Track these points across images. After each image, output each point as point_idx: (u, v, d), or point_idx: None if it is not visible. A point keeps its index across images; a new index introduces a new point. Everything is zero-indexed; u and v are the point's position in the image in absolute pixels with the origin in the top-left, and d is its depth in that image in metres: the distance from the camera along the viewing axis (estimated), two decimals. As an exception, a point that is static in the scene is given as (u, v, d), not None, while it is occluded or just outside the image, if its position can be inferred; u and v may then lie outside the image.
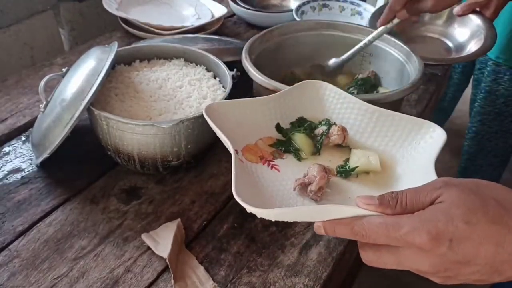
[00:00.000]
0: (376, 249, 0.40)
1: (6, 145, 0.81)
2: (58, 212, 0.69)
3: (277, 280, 0.62)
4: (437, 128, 0.55)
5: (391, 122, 0.59)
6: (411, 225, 0.37)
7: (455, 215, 0.36)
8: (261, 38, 0.87)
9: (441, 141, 0.53)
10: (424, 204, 0.39)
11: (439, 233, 0.36)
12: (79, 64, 0.74)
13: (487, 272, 0.37)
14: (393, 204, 0.39)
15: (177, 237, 0.64)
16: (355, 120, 0.62)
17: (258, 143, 0.59)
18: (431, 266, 0.38)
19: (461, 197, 0.37)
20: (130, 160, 0.72)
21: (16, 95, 0.94)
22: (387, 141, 0.59)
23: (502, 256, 0.36)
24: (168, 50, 0.86)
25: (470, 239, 0.36)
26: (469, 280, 0.39)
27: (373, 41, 0.86)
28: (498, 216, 0.36)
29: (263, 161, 0.57)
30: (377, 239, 0.39)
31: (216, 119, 0.55)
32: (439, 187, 0.39)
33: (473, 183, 0.40)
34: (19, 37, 1.19)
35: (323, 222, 0.42)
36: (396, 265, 0.40)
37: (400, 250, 0.39)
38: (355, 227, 0.40)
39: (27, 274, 0.60)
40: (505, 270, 0.37)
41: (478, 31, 1.05)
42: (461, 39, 1.10)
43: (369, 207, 0.40)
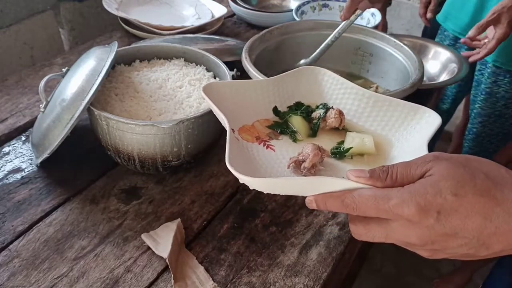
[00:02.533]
0: (365, 222, 0.41)
1: (6, 145, 0.81)
2: (58, 212, 0.69)
3: (277, 280, 0.62)
4: (432, 113, 0.56)
5: (388, 107, 0.60)
6: (400, 197, 0.37)
7: (444, 187, 0.37)
8: (261, 38, 0.87)
9: (435, 124, 0.54)
10: (414, 177, 0.39)
11: (427, 205, 0.36)
12: (79, 64, 0.74)
13: (474, 245, 0.37)
14: (383, 177, 0.40)
15: (177, 237, 0.64)
16: (352, 105, 0.62)
17: (255, 124, 0.60)
18: (418, 238, 0.38)
19: (451, 170, 0.37)
20: (130, 160, 0.72)
21: (16, 95, 0.94)
22: (383, 126, 0.59)
23: (489, 229, 0.36)
24: (168, 50, 0.86)
25: (458, 211, 0.36)
26: (456, 254, 0.39)
27: (339, 37, 0.86)
28: (486, 189, 0.37)
29: (259, 141, 0.57)
30: (366, 212, 0.39)
31: (214, 98, 0.55)
32: (429, 160, 0.39)
33: (464, 158, 0.40)
34: (19, 37, 1.20)
35: (314, 196, 0.42)
36: (384, 238, 0.40)
37: (388, 223, 0.39)
38: (346, 199, 0.40)
39: (27, 274, 0.60)
40: (492, 243, 0.37)
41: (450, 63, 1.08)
42: (432, 71, 1.12)
43: (360, 180, 0.40)
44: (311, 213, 0.72)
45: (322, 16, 1.26)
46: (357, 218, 0.41)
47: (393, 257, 1.75)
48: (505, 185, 0.37)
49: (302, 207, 0.73)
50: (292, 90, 0.64)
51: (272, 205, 0.73)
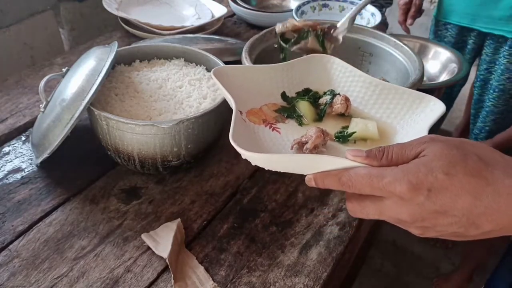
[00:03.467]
0: (360, 200, 0.42)
1: (6, 145, 0.81)
2: (58, 212, 0.69)
3: (277, 280, 0.62)
4: (437, 101, 0.57)
5: (394, 95, 0.61)
6: (393, 175, 0.39)
7: (436, 166, 0.38)
8: (261, 38, 0.87)
9: (439, 112, 0.55)
10: (408, 157, 0.40)
11: (419, 183, 0.38)
12: (79, 64, 0.74)
13: (464, 224, 0.38)
14: (379, 156, 0.41)
15: (177, 237, 0.64)
16: (359, 93, 0.64)
17: (263, 108, 0.61)
18: (409, 215, 0.39)
19: (444, 151, 0.39)
20: (130, 160, 0.72)
21: (16, 95, 0.94)
22: (388, 113, 0.60)
23: (479, 209, 0.37)
24: (168, 50, 0.86)
25: (448, 190, 0.37)
26: (446, 232, 0.40)
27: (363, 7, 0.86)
28: (477, 169, 0.37)
29: (265, 124, 0.58)
30: (361, 189, 0.41)
31: (224, 81, 0.57)
32: (424, 142, 0.40)
33: (458, 140, 0.41)
34: (19, 37, 1.20)
35: (313, 174, 0.44)
36: (378, 215, 0.41)
37: (382, 200, 0.40)
38: (343, 177, 0.42)
39: (27, 274, 0.60)
40: (482, 223, 0.38)
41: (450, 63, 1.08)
42: (432, 71, 1.12)
43: (357, 159, 0.42)
44: (311, 213, 0.72)
45: (322, 16, 1.26)
46: (353, 196, 0.43)
47: (393, 257, 1.75)
48: (496, 166, 0.38)
49: (302, 207, 0.73)
50: (301, 77, 0.65)
51: (272, 205, 0.73)
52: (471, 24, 1.37)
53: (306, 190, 0.76)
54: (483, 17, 1.33)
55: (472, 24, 1.37)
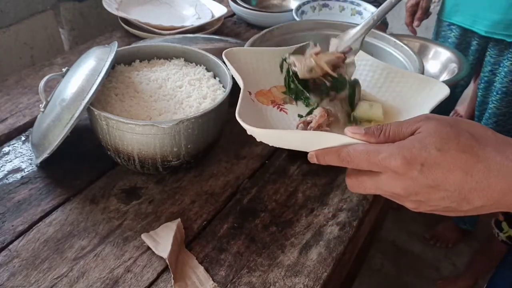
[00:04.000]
0: (359, 175, 0.44)
1: (6, 145, 0.81)
2: (58, 212, 0.69)
3: (277, 280, 0.62)
4: (441, 85, 0.58)
5: (400, 79, 0.62)
6: (388, 151, 0.41)
7: (429, 142, 0.39)
8: (261, 38, 0.87)
9: (443, 94, 0.56)
10: (405, 134, 0.42)
11: (412, 158, 0.39)
12: (79, 64, 0.74)
13: (456, 199, 0.40)
14: (377, 134, 0.43)
15: (177, 237, 0.64)
16: (366, 76, 0.65)
17: (272, 90, 0.63)
18: (403, 189, 0.41)
19: (438, 128, 0.40)
20: (130, 160, 0.71)
21: (16, 95, 0.94)
22: (394, 96, 0.62)
23: (470, 184, 0.39)
24: (168, 50, 0.86)
25: (440, 165, 0.39)
26: (439, 207, 0.41)
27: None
28: (469, 146, 0.39)
29: (273, 104, 0.60)
30: (359, 164, 0.43)
31: (234, 63, 0.59)
32: (420, 120, 0.42)
33: (453, 119, 0.42)
34: (19, 37, 1.20)
35: (315, 151, 0.46)
36: (375, 189, 0.43)
37: (378, 175, 0.42)
38: (342, 153, 0.43)
39: (27, 274, 0.60)
40: (473, 198, 0.39)
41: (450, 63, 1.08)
42: (432, 70, 1.12)
43: (355, 136, 0.43)
44: (311, 213, 0.72)
45: (322, 16, 1.26)
46: (352, 171, 0.45)
47: (393, 257, 1.75)
48: (488, 143, 0.39)
49: (302, 207, 0.73)
50: None
51: (272, 205, 0.73)
52: (472, 26, 1.37)
53: (306, 190, 0.76)
54: (484, 20, 1.33)
55: (472, 26, 1.37)
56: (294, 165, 0.81)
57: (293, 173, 0.79)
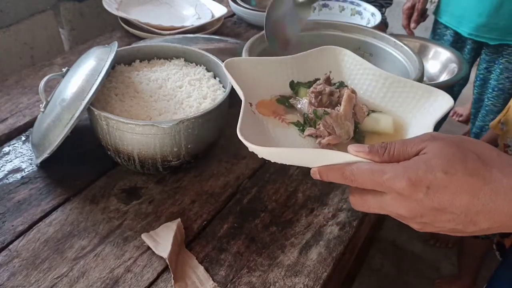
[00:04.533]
0: (363, 194, 0.43)
1: (6, 145, 0.81)
2: (58, 212, 0.69)
3: (277, 280, 0.62)
4: (445, 96, 0.57)
5: (403, 89, 0.61)
6: (393, 171, 0.40)
7: (435, 164, 0.39)
8: (261, 38, 0.87)
9: (447, 106, 0.56)
10: (410, 154, 0.41)
11: (418, 180, 0.39)
12: (79, 64, 0.74)
13: (462, 221, 0.39)
14: (381, 152, 0.42)
15: (177, 237, 0.64)
16: (369, 86, 0.64)
17: (273, 100, 0.62)
18: (408, 211, 0.40)
19: (444, 149, 0.39)
20: (130, 160, 0.72)
21: (16, 95, 0.94)
22: (397, 107, 0.61)
23: (477, 207, 0.38)
24: (168, 50, 0.86)
25: (447, 188, 0.38)
26: (445, 228, 0.41)
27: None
28: (475, 169, 0.38)
29: (274, 115, 0.59)
30: (363, 184, 0.42)
31: (235, 73, 0.58)
32: (425, 139, 0.41)
33: (459, 138, 0.41)
34: (19, 37, 1.20)
35: (318, 168, 0.45)
36: (379, 209, 0.43)
37: (382, 195, 0.41)
38: (346, 172, 0.43)
39: (27, 274, 0.60)
40: (480, 221, 0.39)
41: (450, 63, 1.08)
42: (432, 70, 1.12)
43: (359, 154, 0.43)
44: (311, 213, 0.72)
45: (322, 16, 1.26)
46: (356, 190, 0.44)
47: (393, 257, 1.75)
48: (494, 166, 0.39)
49: (302, 207, 0.73)
50: (311, 68, 0.65)
51: (272, 205, 0.73)
52: (457, 27, 1.38)
53: (306, 190, 0.76)
54: (469, 22, 1.33)
55: (457, 27, 1.38)
56: (294, 165, 0.81)
57: (293, 173, 0.79)
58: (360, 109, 0.57)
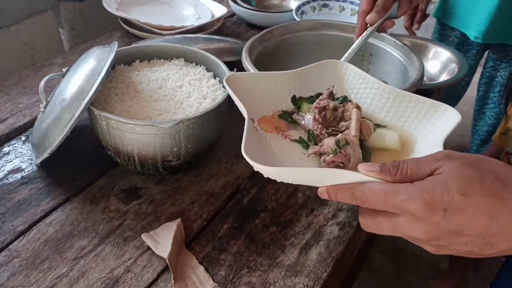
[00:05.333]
0: (374, 215, 0.42)
1: (6, 145, 0.81)
2: (58, 212, 0.69)
3: (277, 280, 0.62)
4: (452, 111, 0.56)
5: (408, 103, 0.60)
6: (408, 193, 0.38)
7: (452, 186, 0.37)
8: (261, 38, 0.87)
9: (455, 122, 0.54)
10: (423, 174, 0.40)
11: (434, 202, 0.37)
12: (79, 64, 0.74)
13: (479, 244, 0.38)
14: (394, 172, 0.40)
15: (177, 237, 0.64)
16: (372, 100, 0.63)
17: (275, 115, 0.61)
18: (424, 233, 0.39)
19: (460, 170, 0.38)
20: (130, 160, 0.72)
21: (16, 95, 0.94)
22: (402, 122, 0.60)
23: (495, 229, 0.37)
24: (168, 50, 0.86)
25: (464, 210, 0.37)
26: (461, 251, 0.40)
27: (353, 54, 0.83)
28: (494, 189, 0.37)
29: (277, 131, 0.58)
30: (375, 205, 0.40)
31: (236, 89, 0.57)
32: (440, 159, 0.40)
33: (474, 158, 0.40)
34: (19, 37, 1.20)
35: (326, 187, 0.43)
36: (392, 231, 0.41)
37: (396, 217, 0.40)
38: (356, 192, 0.41)
39: (27, 274, 0.60)
40: (498, 243, 0.38)
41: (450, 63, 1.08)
42: (432, 70, 1.12)
43: (370, 174, 0.41)
44: (311, 213, 0.72)
45: (322, 16, 1.26)
46: (366, 210, 0.42)
47: (393, 257, 1.75)
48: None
49: (302, 207, 0.73)
50: (313, 83, 0.64)
51: (272, 205, 0.73)
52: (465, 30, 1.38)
53: (306, 190, 0.76)
54: (475, 25, 1.33)
55: (465, 30, 1.38)
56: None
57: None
58: (366, 126, 0.56)
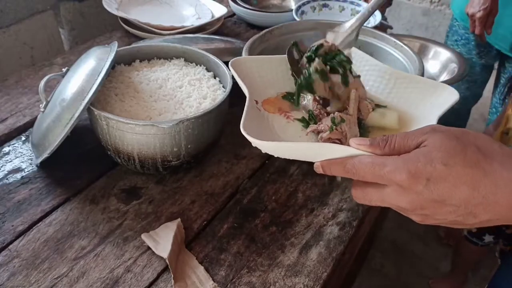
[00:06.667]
0: (364, 186, 0.44)
1: (6, 145, 0.81)
2: (58, 212, 0.69)
3: (277, 280, 0.62)
4: (450, 89, 0.58)
5: (408, 84, 0.62)
6: (394, 164, 0.40)
7: (435, 157, 0.39)
8: (261, 38, 0.87)
9: (453, 100, 0.56)
10: (410, 147, 0.41)
11: (418, 172, 0.39)
12: (79, 64, 0.74)
13: (462, 213, 0.39)
14: (382, 145, 0.42)
15: (177, 237, 0.64)
16: (374, 82, 0.65)
17: (279, 97, 0.63)
18: (408, 203, 0.41)
19: (444, 142, 0.40)
20: (130, 160, 0.72)
21: (16, 95, 0.94)
22: (403, 102, 0.61)
23: (477, 199, 0.38)
24: (168, 50, 0.86)
25: (446, 180, 0.38)
26: (445, 220, 0.41)
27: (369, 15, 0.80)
28: (475, 160, 0.38)
29: (280, 112, 0.60)
30: (365, 176, 0.42)
31: (241, 72, 0.59)
32: (426, 132, 0.41)
33: (460, 131, 0.41)
34: (19, 37, 1.19)
35: (321, 162, 0.46)
36: (380, 201, 0.43)
37: (384, 188, 0.42)
38: (347, 165, 0.43)
39: (27, 274, 0.60)
40: (480, 213, 0.39)
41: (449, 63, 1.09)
42: (432, 71, 1.12)
43: (360, 147, 0.43)
44: (311, 213, 0.72)
45: (322, 16, 1.26)
46: (358, 183, 0.44)
47: (393, 257, 1.75)
48: (495, 158, 0.39)
49: (302, 207, 0.73)
50: None
51: (272, 205, 0.73)
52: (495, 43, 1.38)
53: (306, 190, 0.76)
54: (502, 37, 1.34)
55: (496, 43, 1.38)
56: (294, 165, 0.81)
57: (293, 173, 0.79)
58: (364, 106, 0.58)
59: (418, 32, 2.67)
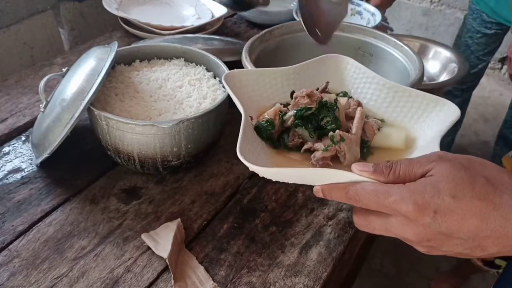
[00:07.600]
0: (367, 214, 0.42)
1: (6, 145, 0.81)
2: (58, 212, 0.69)
3: (277, 280, 0.62)
4: (451, 105, 0.55)
5: (407, 98, 0.60)
6: (399, 194, 0.39)
7: (443, 188, 0.38)
8: (261, 38, 0.87)
9: (454, 117, 0.54)
10: (416, 175, 0.40)
11: (425, 204, 0.37)
12: (79, 64, 0.74)
13: (470, 246, 0.39)
14: (387, 172, 0.41)
15: (177, 237, 0.64)
16: (372, 95, 0.62)
17: None
18: (415, 235, 0.39)
19: (451, 172, 0.38)
20: (130, 160, 0.72)
21: (16, 95, 0.94)
22: (402, 117, 0.59)
23: (485, 232, 0.37)
24: (168, 50, 0.86)
25: (455, 213, 0.37)
26: (452, 252, 0.40)
27: None
28: (484, 193, 0.37)
29: None
30: (368, 205, 0.41)
31: (235, 86, 0.57)
32: (432, 160, 0.40)
33: (467, 159, 0.40)
34: (19, 37, 1.20)
35: (321, 186, 0.44)
36: (384, 231, 0.42)
37: (388, 218, 0.40)
38: (350, 191, 0.42)
39: (27, 274, 0.60)
40: (488, 246, 0.38)
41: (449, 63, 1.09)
42: (432, 71, 1.12)
43: (363, 174, 0.42)
44: (311, 213, 0.72)
45: (322, 16, 1.25)
46: (360, 210, 0.43)
47: (393, 257, 1.75)
48: (505, 190, 0.38)
49: (302, 207, 0.73)
50: (313, 78, 0.64)
51: (272, 205, 0.73)
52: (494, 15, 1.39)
53: (306, 190, 0.76)
54: None
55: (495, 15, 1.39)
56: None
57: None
58: (369, 127, 0.55)
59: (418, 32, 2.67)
